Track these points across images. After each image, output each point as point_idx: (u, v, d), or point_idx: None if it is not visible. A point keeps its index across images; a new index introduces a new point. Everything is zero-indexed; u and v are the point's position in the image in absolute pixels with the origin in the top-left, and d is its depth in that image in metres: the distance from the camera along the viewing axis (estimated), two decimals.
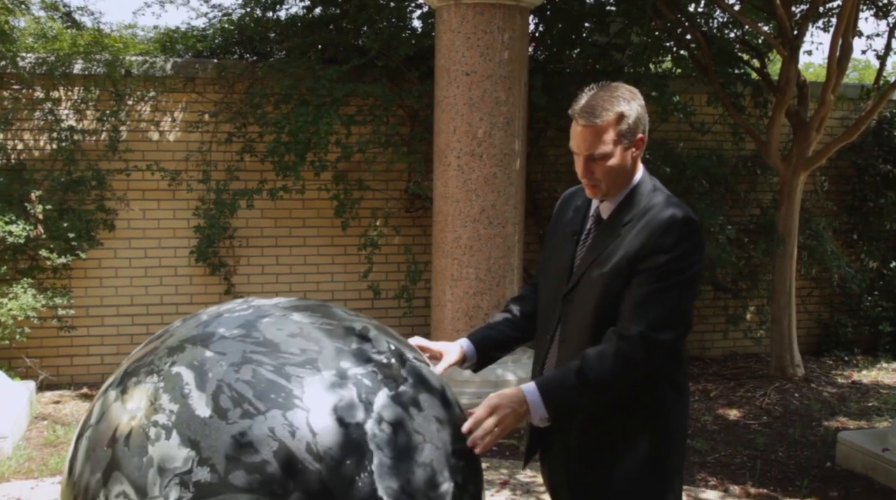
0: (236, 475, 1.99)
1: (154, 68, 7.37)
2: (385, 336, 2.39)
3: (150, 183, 7.46)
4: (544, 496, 5.00)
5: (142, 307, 7.57)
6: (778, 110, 7.63)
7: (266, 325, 2.28)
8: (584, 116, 2.45)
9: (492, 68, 6.27)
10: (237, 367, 2.15)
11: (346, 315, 2.43)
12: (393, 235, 8.02)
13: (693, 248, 2.45)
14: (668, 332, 2.42)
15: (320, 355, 2.20)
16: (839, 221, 9.13)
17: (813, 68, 24.42)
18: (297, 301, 2.48)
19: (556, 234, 2.78)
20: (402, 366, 2.30)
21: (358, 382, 2.17)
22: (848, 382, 7.98)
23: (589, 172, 2.50)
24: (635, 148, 2.52)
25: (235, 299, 2.54)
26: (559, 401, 2.42)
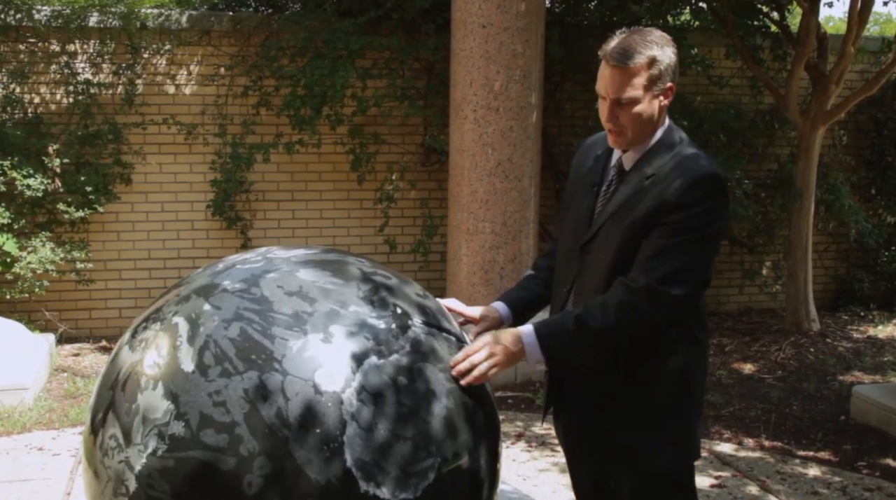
0: (207, 432, 2.02)
1: (169, 21, 7.34)
2: (396, 298, 2.31)
3: (167, 137, 7.47)
4: (559, 449, 5.04)
5: (159, 261, 7.61)
6: (797, 63, 7.55)
7: (268, 281, 2.25)
8: (615, 58, 2.35)
9: (508, 20, 6.21)
10: (227, 323, 2.15)
11: (362, 273, 2.36)
12: (409, 190, 8.02)
13: (717, 205, 2.37)
14: (678, 287, 2.34)
15: (311, 317, 2.15)
16: (857, 176, 9.07)
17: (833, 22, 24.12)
18: (317, 253, 2.44)
19: (576, 184, 2.69)
20: (403, 333, 2.21)
21: (344, 347, 2.12)
22: (863, 337, 7.98)
23: (614, 117, 2.39)
24: (664, 96, 2.41)
25: (259, 248, 2.53)
26: (555, 345, 2.38)
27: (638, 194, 2.42)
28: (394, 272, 2.46)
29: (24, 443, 5.10)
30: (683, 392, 2.53)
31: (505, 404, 5.94)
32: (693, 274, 2.37)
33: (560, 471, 4.73)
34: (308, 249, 2.48)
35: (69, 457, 4.90)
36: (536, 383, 6.31)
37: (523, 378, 6.37)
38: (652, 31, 2.41)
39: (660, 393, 2.50)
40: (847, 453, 5.21)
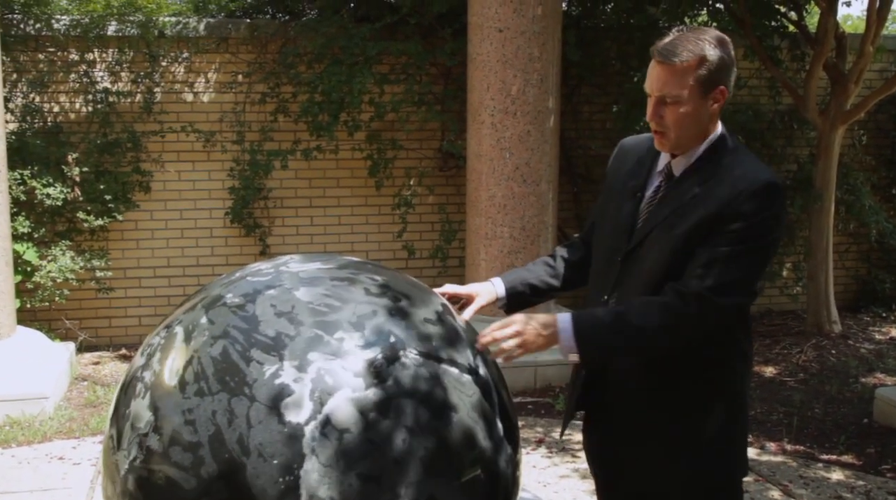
0: (176, 449, 2.03)
1: (187, 29, 7.37)
2: (396, 324, 2.18)
3: (185, 144, 7.50)
4: (580, 454, 5.02)
5: (178, 269, 7.64)
6: (815, 63, 7.51)
7: (264, 298, 2.20)
8: (662, 54, 2.25)
9: (525, 24, 6.21)
10: (214, 340, 2.13)
11: (367, 293, 2.24)
12: (427, 195, 8.02)
13: (776, 214, 2.25)
14: (731, 297, 2.23)
15: (292, 341, 2.08)
16: (877, 176, 9.00)
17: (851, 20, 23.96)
18: (330, 268, 2.34)
19: (615, 188, 2.55)
20: (389, 364, 2.08)
21: (318, 377, 2.03)
22: (886, 338, 7.91)
23: (658, 115, 2.29)
24: (714, 100, 2.28)
25: (281, 257, 2.49)
26: (591, 336, 2.26)
27: (691, 203, 2.30)
28: (411, 289, 2.34)
29: (44, 452, 5.13)
30: (733, 406, 2.43)
31: (525, 409, 5.92)
32: (746, 285, 2.28)
33: (581, 477, 4.71)
34: (326, 261, 2.41)
35: (90, 466, 4.91)
36: (556, 388, 6.29)
37: (543, 383, 6.36)
38: (707, 31, 2.31)
39: (710, 408, 2.39)
40: (871, 456, 5.16)
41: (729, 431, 2.43)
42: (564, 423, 2.73)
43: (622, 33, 7.98)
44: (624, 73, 7.92)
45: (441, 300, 2.40)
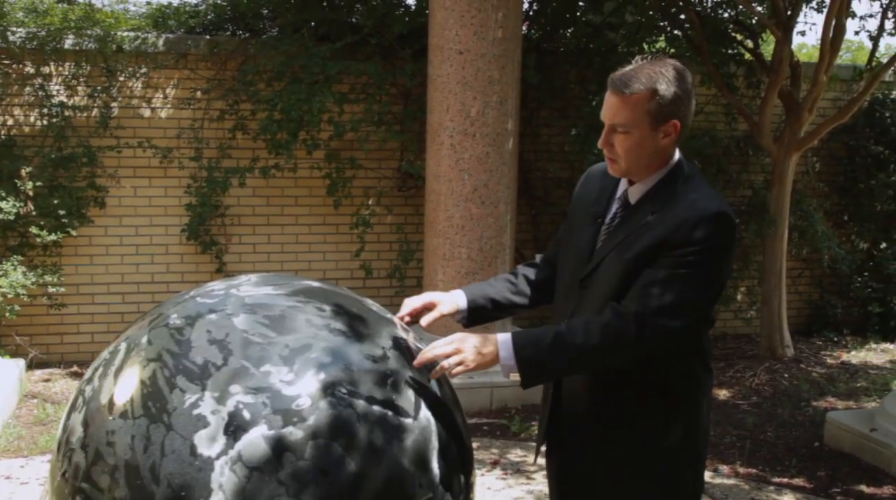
0: (96, 469, 2.02)
1: (146, 44, 7.31)
2: (331, 360, 2.09)
3: (142, 160, 7.43)
4: (535, 476, 5.03)
5: (132, 285, 7.55)
6: (771, 91, 7.63)
7: (204, 322, 2.15)
8: (616, 84, 2.30)
9: (485, 47, 6.24)
10: (146, 363, 2.11)
11: (309, 324, 2.16)
12: (385, 214, 8.01)
13: (723, 244, 2.29)
14: (670, 319, 2.25)
15: (217, 372, 2.03)
16: (830, 202, 9.15)
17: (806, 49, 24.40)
18: (279, 294, 2.28)
19: (578, 213, 2.59)
20: (313, 402, 2.00)
21: (236, 411, 1.97)
22: (837, 362, 8.02)
23: (608, 143, 2.33)
24: (665, 133, 2.31)
25: (238, 277, 2.45)
26: (531, 356, 2.27)
27: (641, 229, 2.34)
28: (360, 321, 2.26)
29: None
30: (687, 433, 2.44)
31: (480, 430, 5.91)
32: (688, 309, 2.28)
33: (535, 499, 4.71)
34: (279, 286, 2.34)
35: (38, 486, 4.82)
36: (512, 410, 6.29)
37: (499, 404, 6.35)
38: (667, 64, 2.33)
39: (662, 435, 2.41)
40: (821, 479, 5.22)
41: (680, 457, 2.44)
42: (537, 449, 2.74)
43: (581, 58, 8.06)
44: (582, 97, 7.99)
45: (394, 332, 2.32)
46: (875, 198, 8.97)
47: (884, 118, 8.99)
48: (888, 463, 5.27)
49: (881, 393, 6.91)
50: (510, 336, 2.30)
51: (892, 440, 5.27)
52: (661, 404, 2.42)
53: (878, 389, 7.11)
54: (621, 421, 2.43)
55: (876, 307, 8.99)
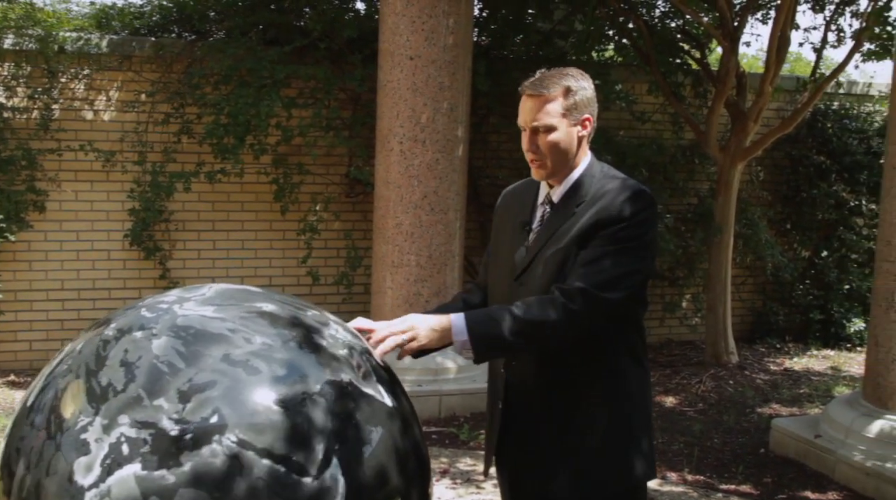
0: (5, 472, 2.00)
1: (89, 45, 7.16)
2: (229, 402, 1.92)
3: (84, 164, 7.27)
4: (485, 485, 5.00)
5: (73, 292, 7.38)
6: (717, 101, 7.70)
7: (125, 341, 2.06)
8: (531, 86, 2.45)
9: (436, 53, 6.21)
10: (67, 373, 2.05)
11: (225, 357, 1.99)
12: (333, 221, 7.94)
13: (649, 217, 2.42)
14: (613, 292, 2.35)
15: (114, 398, 1.92)
16: (773, 211, 9.28)
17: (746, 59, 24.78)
18: (213, 318, 2.11)
19: (503, 229, 2.70)
20: (194, 447, 1.85)
21: (117, 443, 1.87)
22: (780, 369, 8.12)
23: (533, 145, 2.46)
24: (581, 127, 2.48)
25: (191, 288, 2.33)
26: (484, 332, 2.33)
27: (570, 220, 2.46)
28: (299, 359, 2.06)
29: None
30: (630, 411, 2.52)
31: (429, 439, 5.87)
32: (628, 280, 2.39)
33: None
34: (223, 307, 2.14)
35: None
36: (461, 418, 6.26)
37: (447, 413, 6.32)
38: (569, 68, 2.51)
39: (604, 409, 2.48)
40: (767, 485, 5.26)
41: (625, 433, 2.51)
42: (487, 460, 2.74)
43: (531, 65, 8.04)
44: None
45: (339, 374, 2.11)
46: (817, 207, 9.12)
47: (825, 129, 9.15)
48: (832, 469, 5.33)
49: (824, 399, 7.01)
50: (462, 314, 2.37)
51: (836, 446, 5.34)
52: (603, 384, 2.49)
53: (820, 395, 7.21)
54: (570, 405, 2.49)
55: (817, 314, 9.12)
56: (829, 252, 9.27)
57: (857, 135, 9.14)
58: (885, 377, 5.25)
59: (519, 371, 2.56)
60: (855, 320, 9.06)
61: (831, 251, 9.27)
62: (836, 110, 9.28)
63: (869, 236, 9.21)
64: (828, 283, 9.19)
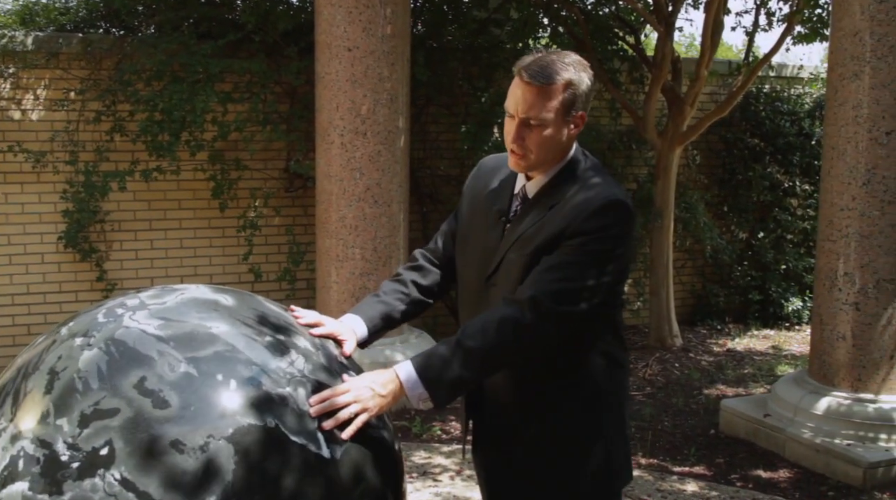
0: None
1: (13, 42, 6.91)
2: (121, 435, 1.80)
3: (13, 165, 7.03)
4: (441, 477, 4.97)
5: (6, 298, 7.14)
6: (654, 86, 7.76)
7: (64, 346, 1.98)
8: (532, 75, 2.21)
9: (374, 44, 6.14)
10: (11, 368, 2.05)
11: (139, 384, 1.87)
12: (273, 216, 7.81)
13: (621, 232, 2.25)
14: (567, 304, 2.19)
15: (29, 408, 1.89)
16: (710, 194, 9.38)
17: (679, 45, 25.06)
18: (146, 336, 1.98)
19: (478, 211, 2.50)
20: (83, 477, 1.76)
21: (15, 457, 1.83)
22: (723, 350, 8.23)
23: (520, 138, 2.25)
24: (574, 124, 2.29)
25: (181, 287, 2.22)
26: (438, 377, 2.15)
27: (539, 223, 2.30)
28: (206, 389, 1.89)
29: None
30: (606, 415, 2.41)
31: None
32: (586, 294, 2.21)
33: None
34: (169, 323, 2.02)
35: None
36: (412, 412, 6.21)
37: (398, 406, 6.27)
38: (570, 55, 2.30)
39: (582, 417, 2.37)
40: (720, 466, 5.32)
41: (598, 436, 2.40)
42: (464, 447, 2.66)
43: (468, 54, 8.03)
44: (470, 93, 7.96)
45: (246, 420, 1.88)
46: (752, 189, 9.25)
47: (758, 112, 9.27)
48: (782, 447, 5.41)
49: (767, 379, 7.12)
50: (409, 364, 2.18)
51: (785, 424, 5.41)
52: (584, 389, 2.38)
53: (763, 375, 7.32)
54: (543, 409, 2.38)
55: (756, 295, 9.26)
56: (765, 233, 9.41)
57: (788, 117, 9.28)
58: (830, 355, 5.34)
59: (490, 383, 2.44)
60: (792, 300, 9.21)
61: (767, 232, 9.41)
62: (767, 93, 9.41)
63: (803, 217, 9.38)
64: (765, 264, 9.33)
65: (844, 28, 5.18)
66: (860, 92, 5.10)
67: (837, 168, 5.24)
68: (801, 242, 9.48)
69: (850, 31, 5.13)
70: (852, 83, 5.14)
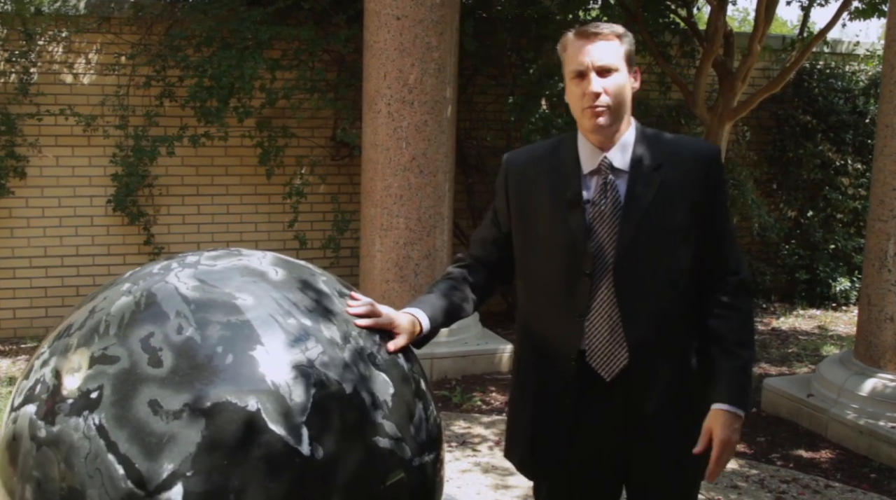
0: None
1: (67, 7, 7.00)
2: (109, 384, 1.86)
3: (64, 128, 7.13)
4: (480, 447, 4.99)
5: (56, 259, 7.27)
6: (705, 61, 7.64)
7: (110, 293, 2.07)
8: (593, 28, 2.29)
9: (423, 12, 6.11)
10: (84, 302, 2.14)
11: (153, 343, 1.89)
12: (319, 184, 7.85)
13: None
14: (745, 268, 2.41)
15: (61, 341, 2.02)
16: (759, 171, 9.26)
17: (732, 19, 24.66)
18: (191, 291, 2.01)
19: (536, 203, 2.40)
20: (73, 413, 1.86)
21: (36, 382, 1.98)
22: (768, 329, 8.14)
23: (599, 87, 2.24)
24: (634, 78, 2.33)
25: (209, 252, 2.23)
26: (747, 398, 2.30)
27: (664, 188, 2.29)
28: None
29: None
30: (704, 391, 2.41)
31: None
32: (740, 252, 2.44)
33: (482, 471, 4.67)
34: (209, 277, 2.06)
35: None
36: (452, 381, 6.23)
37: (439, 376, 6.29)
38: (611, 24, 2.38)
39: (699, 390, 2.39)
40: (761, 445, 5.28)
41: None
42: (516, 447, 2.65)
43: (517, 25, 7.97)
44: (519, 64, 7.91)
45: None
46: (803, 167, 9.11)
47: (811, 88, 9.11)
48: (825, 428, 5.35)
49: (812, 359, 7.04)
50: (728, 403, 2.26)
51: (828, 405, 5.35)
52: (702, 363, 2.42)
53: (808, 354, 7.23)
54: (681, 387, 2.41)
55: (803, 274, 9.14)
56: (814, 212, 9.27)
57: (842, 94, 9.11)
58: (876, 336, 5.26)
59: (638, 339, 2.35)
60: (840, 280, 9.08)
61: (817, 211, 9.27)
62: (821, 70, 9.24)
63: (854, 196, 9.21)
64: (813, 243, 9.20)
65: None
66: None
67: (891, 147, 5.14)
68: (851, 222, 9.32)
69: None
70: None
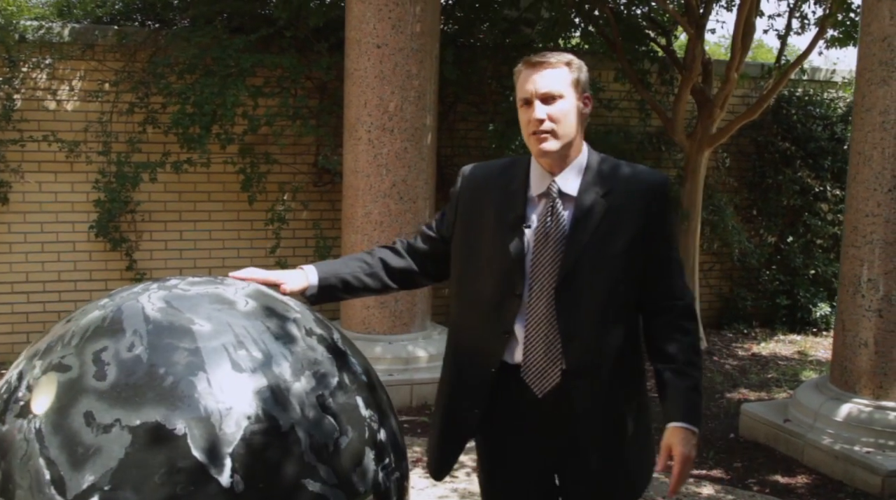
0: None
1: (50, 34, 7.05)
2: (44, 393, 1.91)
3: (47, 154, 7.16)
4: (458, 473, 5.00)
5: (38, 284, 7.28)
6: (684, 88, 7.74)
7: (91, 304, 2.14)
8: (539, 56, 2.36)
9: (403, 41, 6.18)
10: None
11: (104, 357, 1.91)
12: (301, 210, 7.89)
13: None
14: (690, 294, 2.47)
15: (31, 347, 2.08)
16: (739, 197, 9.35)
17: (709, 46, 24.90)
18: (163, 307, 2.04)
19: (483, 218, 2.45)
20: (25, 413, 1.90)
21: (4, 384, 2.03)
22: (748, 354, 8.19)
23: (545, 113, 2.31)
24: (584, 104, 2.39)
25: (195, 278, 2.25)
26: (699, 414, 2.44)
27: (610, 216, 2.35)
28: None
29: None
30: (648, 408, 2.56)
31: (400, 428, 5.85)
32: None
33: (459, 497, 4.68)
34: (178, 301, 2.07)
35: None
36: (432, 406, 6.24)
37: (419, 401, 6.31)
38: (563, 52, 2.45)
39: (640, 416, 2.52)
40: (738, 470, 5.31)
41: (644, 436, 2.55)
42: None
43: (498, 53, 8.05)
44: (499, 92, 7.99)
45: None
46: (782, 193, 9.20)
47: (790, 115, 9.22)
48: (801, 453, 5.39)
49: (791, 384, 7.08)
50: (684, 421, 2.39)
51: (805, 430, 5.39)
52: (638, 393, 2.52)
53: (788, 380, 7.28)
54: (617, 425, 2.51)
55: (783, 300, 9.21)
56: (794, 238, 9.36)
57: (821, 121, 9.22)
58: (852, 361, 5.31)
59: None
60: (821, 305, 9.15)
61: (797, 237, 9.36)
62: (799, 97, 9.36)
63: (833, 222, 9.30)
64: (794, 268, 9.28)
65: (873, 33, 5.15)
66: (888, 98, 5.07)
67: (863, 174, 5.21)
68: (830, 248, 9.41)
69: (879, 37, 5.10)
70: (880, 89, 5.10)
